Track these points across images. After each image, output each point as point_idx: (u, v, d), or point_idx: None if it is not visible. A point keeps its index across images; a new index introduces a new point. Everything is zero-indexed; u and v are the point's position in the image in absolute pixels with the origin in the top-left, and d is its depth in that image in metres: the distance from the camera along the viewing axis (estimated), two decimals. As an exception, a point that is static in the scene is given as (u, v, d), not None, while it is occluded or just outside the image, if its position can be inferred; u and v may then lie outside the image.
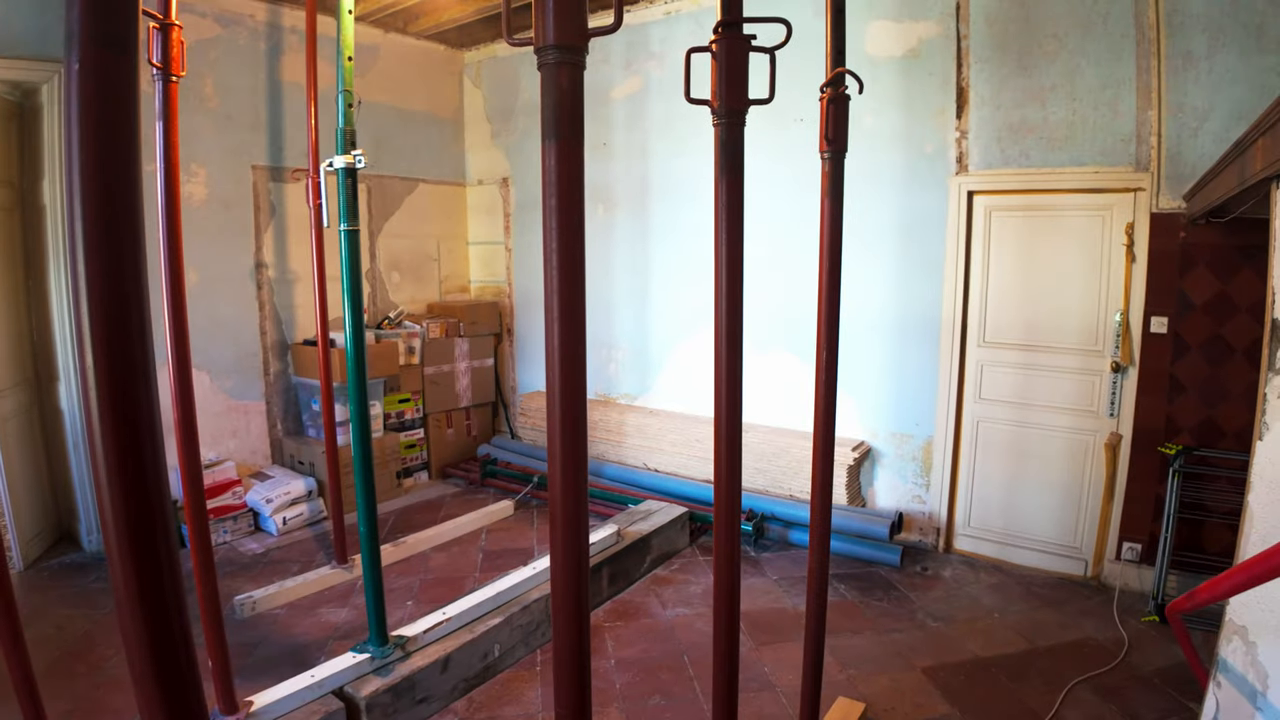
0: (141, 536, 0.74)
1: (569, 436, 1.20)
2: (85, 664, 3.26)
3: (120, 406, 0.72)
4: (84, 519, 4.41)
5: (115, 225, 0.71)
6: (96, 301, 0.70)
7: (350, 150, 2.73)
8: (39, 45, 3.98)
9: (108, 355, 0.71)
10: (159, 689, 0.77)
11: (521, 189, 6.03)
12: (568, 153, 1.18)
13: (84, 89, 0.69)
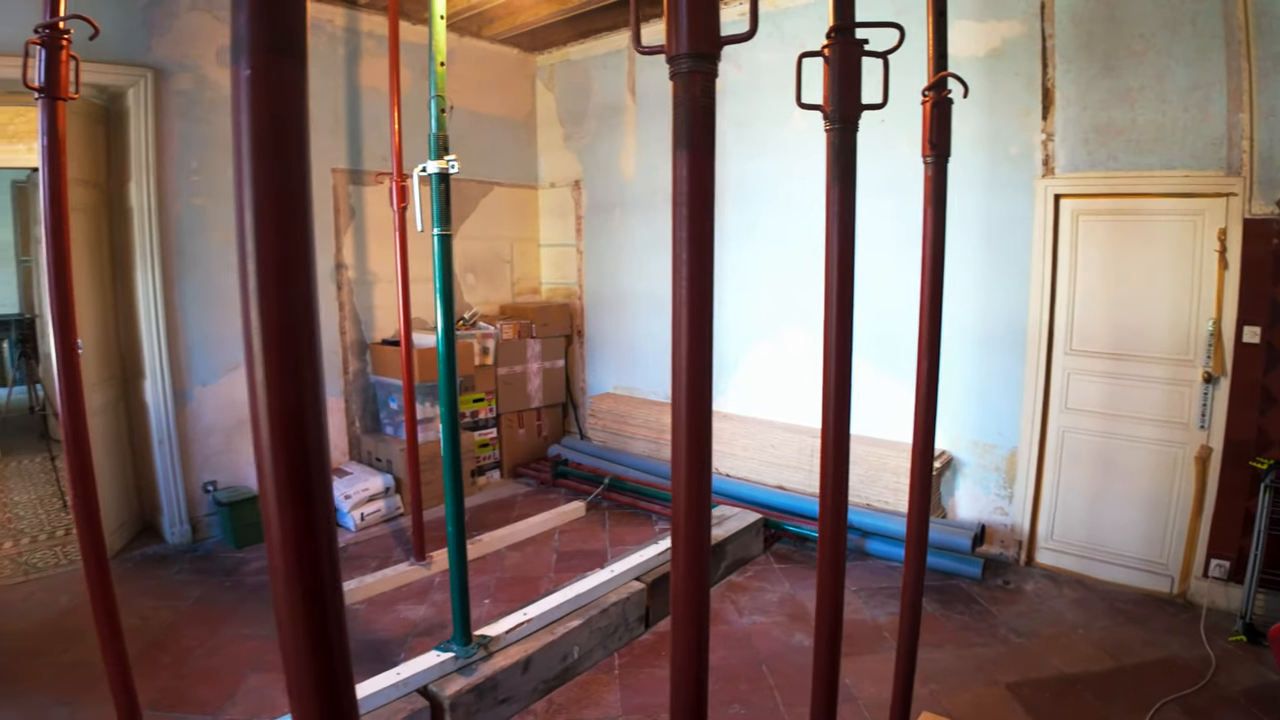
0: (304, 529, 0.75)
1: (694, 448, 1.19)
2: (170, 655, 3.36)
3: (289, 406, 0.72)
4: (167, 512, 4.56)
5: (286, 225, 0.71)
6: (270, 300, 0.71)
7: (443, 155, 2.76)
8: (124, 50, 4.13)
9: (279, 352, 0.71)
10: (315, 684, 0.78)
11: (593, 192, 6.05)
12: (700, 162, 1.16)
13: (255, 93, 0.70)
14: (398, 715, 2.65)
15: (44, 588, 4.06)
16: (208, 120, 4.55)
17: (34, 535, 4.82)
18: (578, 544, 4.51)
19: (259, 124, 0.70)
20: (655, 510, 4.87)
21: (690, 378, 1.17)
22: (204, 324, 4.60)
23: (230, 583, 4.08)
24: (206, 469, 4.67)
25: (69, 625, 3.66)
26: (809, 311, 4.83)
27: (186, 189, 4.48)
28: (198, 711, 2.97)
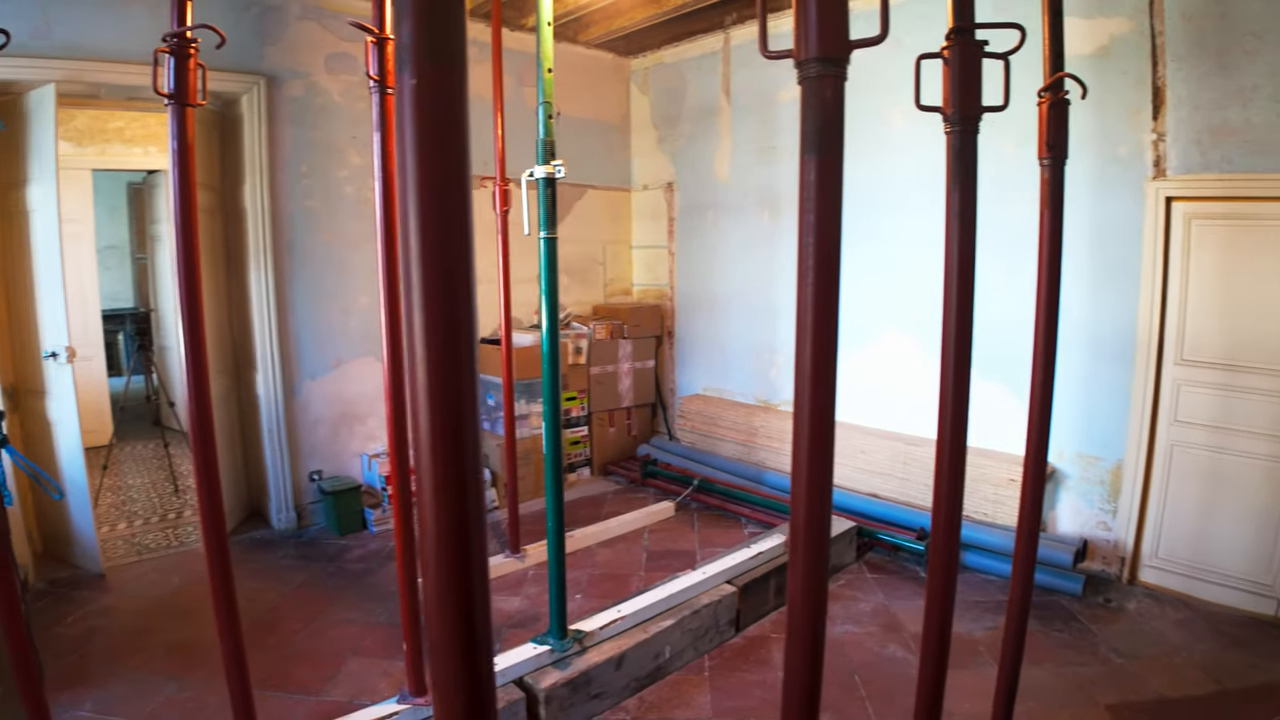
0: (458, 519, 0.78)
1: (816, 457, 1.19)
2: (275, 636, 3.51)
3: (446, 402, 0.75)
4: (274, 498, 4.77)
5: (449, 227, 0.74)
6: (431, 298, 0.74)
7: (550, 160, 2.82)
8: (239, 58, 4.32)
9: (442, 349, 0.75)
10: (460, 662, 0.81)
11: (686, 194, 6.07)
12: (829, 168, 1.16)
13: (419, 102, 0.72)
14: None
15: (156, 568, 4.30)
16: (317, 125, 4.75)
17: (146, 518, 5.10)
18: (667, 544, 4.53)
19: (422, 131, 0.73)
20: (744, 514, 4.85)
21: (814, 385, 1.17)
22: (313, 321, 4.81)
23: (333, 569, 4.25)
24: (312, 459, 4.89)
25: (179, 604, 3.87)
26: (905, 314, 4.74)
27: (297, 191, 4.69)
28: (300, 692, 3.10)
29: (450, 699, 0.80)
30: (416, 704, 2.69)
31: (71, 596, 3.92)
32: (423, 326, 0.73)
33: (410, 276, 0.73)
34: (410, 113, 0.72)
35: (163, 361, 7.16)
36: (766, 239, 5.44)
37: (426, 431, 0.75)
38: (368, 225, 4.92)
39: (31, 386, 4.12)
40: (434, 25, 0.72)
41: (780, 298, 5.40)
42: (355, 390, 5.02)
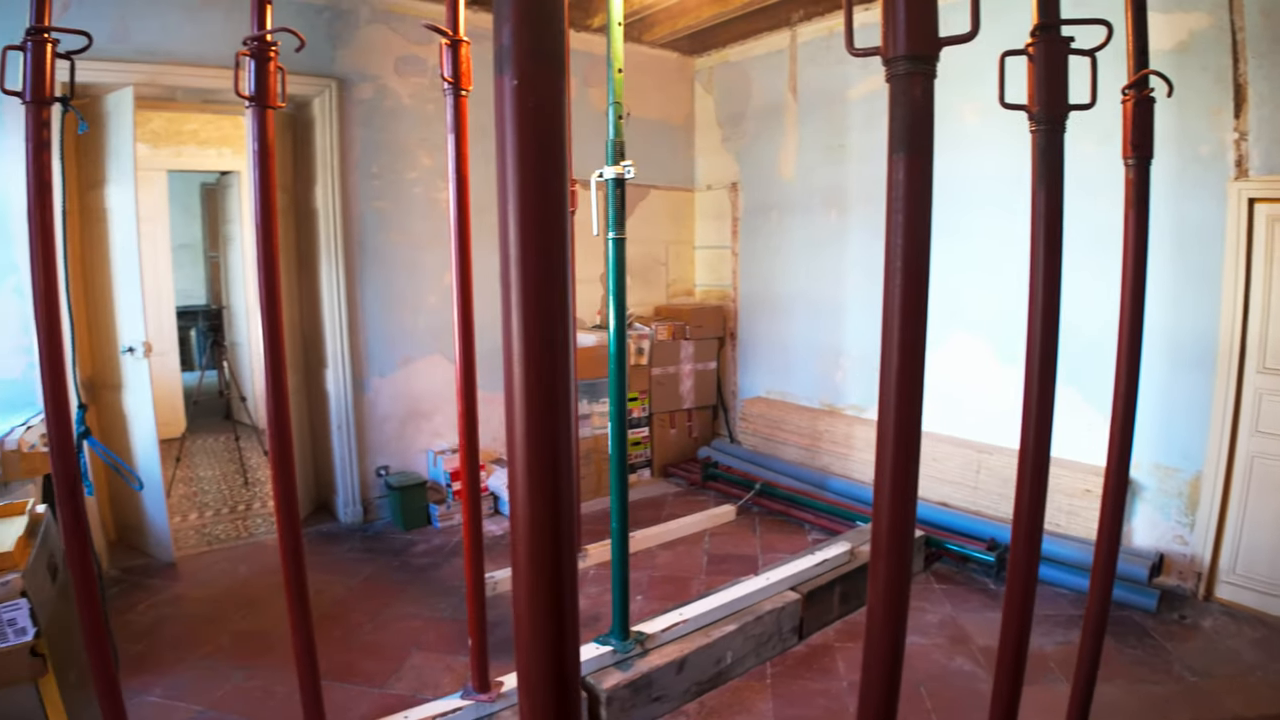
0: (549, 514, 0.78)
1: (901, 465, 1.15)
2: (341, 628, 3.56)
3: (542, 400, 0.75)
4: (341, 493, 4.87)
5: (548, 224, 0.74)
6: (530, 295, 0.74)
7: (620, 161, 2.81)
8: (311, 62, 4.41)
9: (539, 344, 0.74)
10: (547, 660, 0.80)
11: (750, 193, 6.02)
12: (919, 167, 1.13)
13: (520, 101, 0.72)
14: (558, 705, 2.72)
15: (225, 557, 4.42)
16: (387, 128, 4.82)
17: (217, 509, 5.25)
18: (728, 548, 4.49)
19: (523, 129, 0.73)
20: (808, 520, 4.78)
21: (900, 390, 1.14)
22: (382, 319, 4.90)
23: (398, 563, 4.31)
24: (380, 454, 4.98)
25: (247, 594, 3.96)
26: (978, 317, 4.61)
27: (368, 192, 4.77)
28: (365, 683, 3.14)
29: (536, 695, 0.80)
30: (479, 700, 2.70)
31: (143, 584, 4.05)
32: (521, 323, 0.73)
33: (510, 273, 0.72)
34: (512, 112, 0.72)
35: (234, 357, 7.35)
36: (833, 239, 5.35)
37: (522, 429, 0.74)
38: (436, 226, 4.99)
39: (109, 380, 4.26)
40: (535, 27, 0.72)
41: (847, 299, 5.32)
42: (422, 388, 5.09)
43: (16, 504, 2.39)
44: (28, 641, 1.98)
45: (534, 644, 0.79)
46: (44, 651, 2.03)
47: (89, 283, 4.24)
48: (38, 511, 2.38)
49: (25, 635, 1.98)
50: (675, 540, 4.56)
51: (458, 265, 2.53)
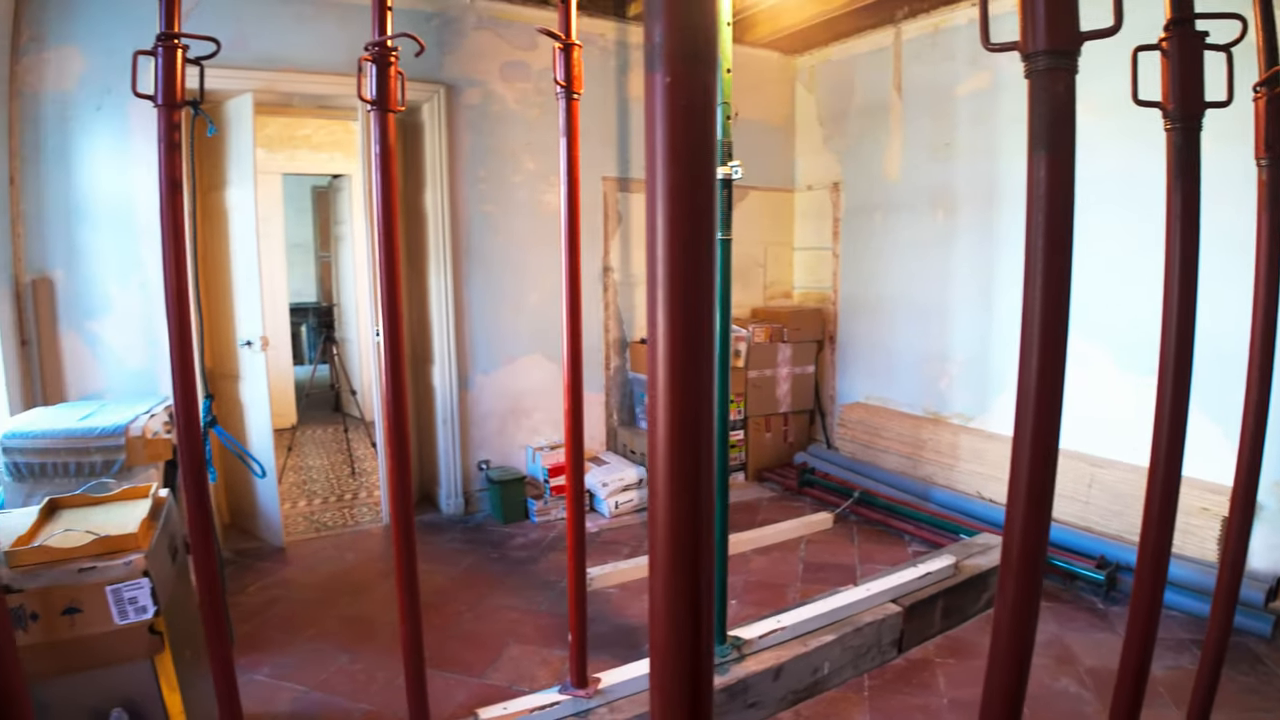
0: (690, 512, 0.77)
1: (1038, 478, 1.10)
2: (440, 616, 3.63)
3: (687, 400, 0.74)
4: (444, 485, 5.00)
5: (696, 221, 0.74)
6: (678, 294, 0.73)
7: (727, 161, 2.79)
8: (420, 67, 4.51)
9: (684, 344, 0.74)
10: (684, 660, 0.80)
11: (852, 193, 5.90)
12: (1060, 166, 1.07)
13: (672, 100, 0.72)
14: (654, 706, 2.72)
15: (332, 544, 4.59)
16: (493, 132, 4.93)
17: (325, 497, 5.46)
18: (825, 556, 4.41)
19: (674, 128, 0.72)
20: (908, 531, 4.65)
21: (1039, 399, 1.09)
22: (486, 319, 5.02)
23: (497, 555, 4.39)
24: (482, 449, 5.10)
25: (352, 580, 4.10)
26: (1095, 321, 4.39)
27: (474, 195, 4.89)
28: (463, 672, 3.20)
29: (669, 694, 0.80)
30: (577, 695, 2.72)
31: (254, 567, 4.24)
32: (667, 321, 0.72)
33: (657, 270, 0.72)
34: (663, 110, 0.72)
35: (343, 352, 7.65)
36: (939, 240, 5.20)
37: (665, 430, 0.74)
38: (538, 228, 5.08)
39: (227, 371, 4.49)
40: (687, 25, 0.72)
41: (953, 302, 5.15)
42: (523, 385, 5.19)
43: (141, 487, 2.50)
44: (147, 619, 2.05)
45: (669, 643, 0.78)
46: (162, 629, 2.10)
47: (209, 279, 4.47)
48: (160, 495, 2.47)
49: (146, 613, 2.05)
50: (770, 546, 4.50)
51: (568, 266, 2.55)
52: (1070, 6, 1.10)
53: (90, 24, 3.89)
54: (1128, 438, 4.18)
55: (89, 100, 3.94)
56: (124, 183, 4.02)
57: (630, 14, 5.21)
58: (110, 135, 3.99)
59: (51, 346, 3.95)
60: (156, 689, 2.17)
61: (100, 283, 4.04)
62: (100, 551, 2.07)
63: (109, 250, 4.04)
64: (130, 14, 3.90)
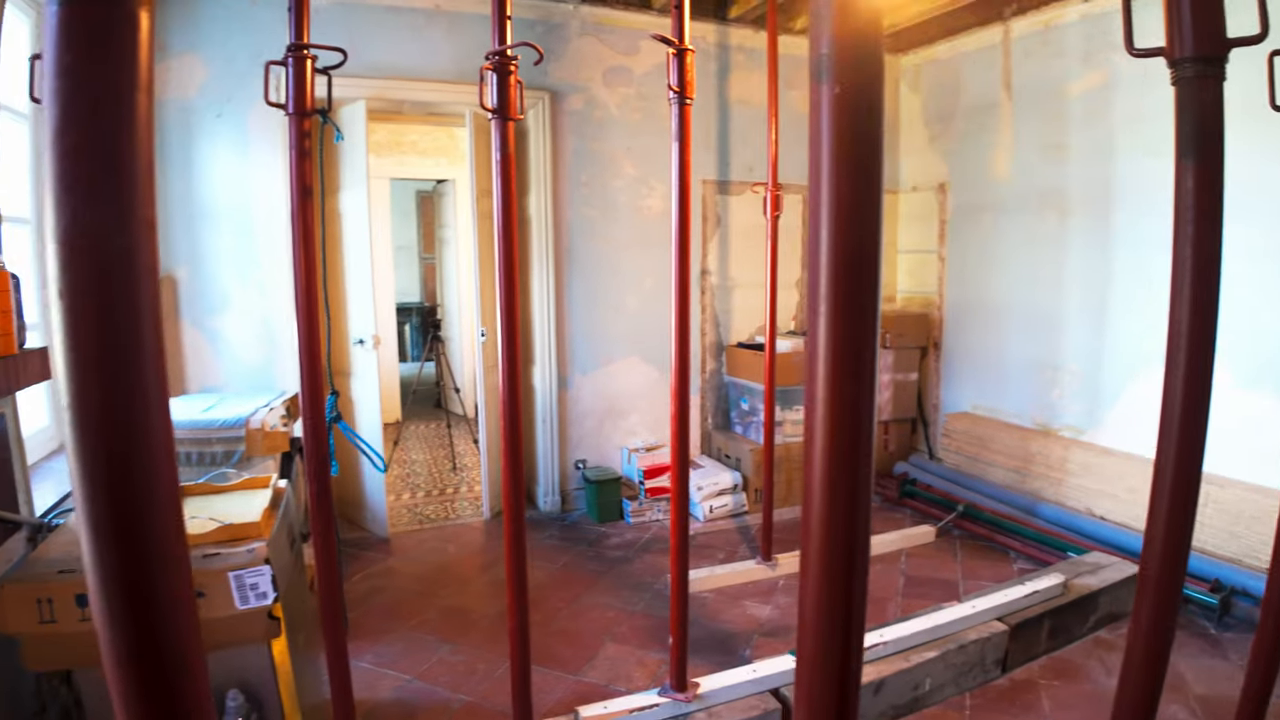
0: (847, 516, 0.78)
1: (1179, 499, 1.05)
2: (538, 612, 3.67)
3: (845, 407, 0.75)
4: (542, 483, 5.10)
5: (864, 232, 0.75)
6: (841, 302, 0.74)
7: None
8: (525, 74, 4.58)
9: (846, 352, 0.75)
10: (833, 671, 0.81)
11: (959, 195, 5.73)
12: (1208, 174, 1.03)
13: (840, 110, 0.73)
14: (751, 711, 2.71)
15: (434, 536, 4.72)
16: (596, 137, 4.99)
17: (427, 490, 5.64)
18: (927, 571, 4.29)
19: (842, 138, 0.73)
20: (1014, 547, 4.48)
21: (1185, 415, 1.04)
22: (586, 321, 5.10)
23: (592, 554, 4.45)
24: (579, 448, 5.18)
25: (454, 572, 4.21)
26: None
27: (576, 200, 4.97)
28: (560, 668, 3.24)
29: (816, 696, 0.81)
30: (676, 698, 2.73)
31: (359, 556, 4.40)
32: (829, 332, 0.73)
33: (820, 283, 0.73)
34: (831, 122, 0.72)
35: (446, 351, 7.87)
36: (1051, 244, 5.00)
37: (823, 436, 0.74)
38: (638, 232, 5.12)
39: (340, 368, 4.68)
40: (857, 35, 0.72)
41: (1066, 309, 4.94)
42: (620, 387, 5.24)
43: (261, 478, 2.60)
44: (267, 605, 2.11)
45: (818, 646, 0.79)
46: (279, 615, 2.16)
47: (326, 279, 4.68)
48: (279, 486, 2.57)
49: (265, 599, 2.10)
50: (870, 558, 4.41)
51: (677, 271, 2.55)
52: (1216, 11, 1.06)
53: (211, 34, 4.12)
54: (1251, 457, 3.93)
55: (210, 107, 4.17)
56: (243, 187, 4.24)
57: (731, 16, 5.20)
58: (230, 141, 4.22)
59: (174, 341, 4.20)
60: (272, 672, 2.24)
61: (220, 281, 4.27)
62: (224, 539, 2.16)
63: (229, 250, 4.27)
64: (248, 25, 4.12)
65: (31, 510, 2.63)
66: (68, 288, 0.47)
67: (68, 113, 0.48)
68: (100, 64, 0.49)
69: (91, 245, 0.47)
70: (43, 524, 2.63)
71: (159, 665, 0.52)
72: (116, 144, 0.48)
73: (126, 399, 0.47)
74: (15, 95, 3.27)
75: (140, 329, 0.48)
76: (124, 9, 0.49)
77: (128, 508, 0.49)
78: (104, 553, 0.50)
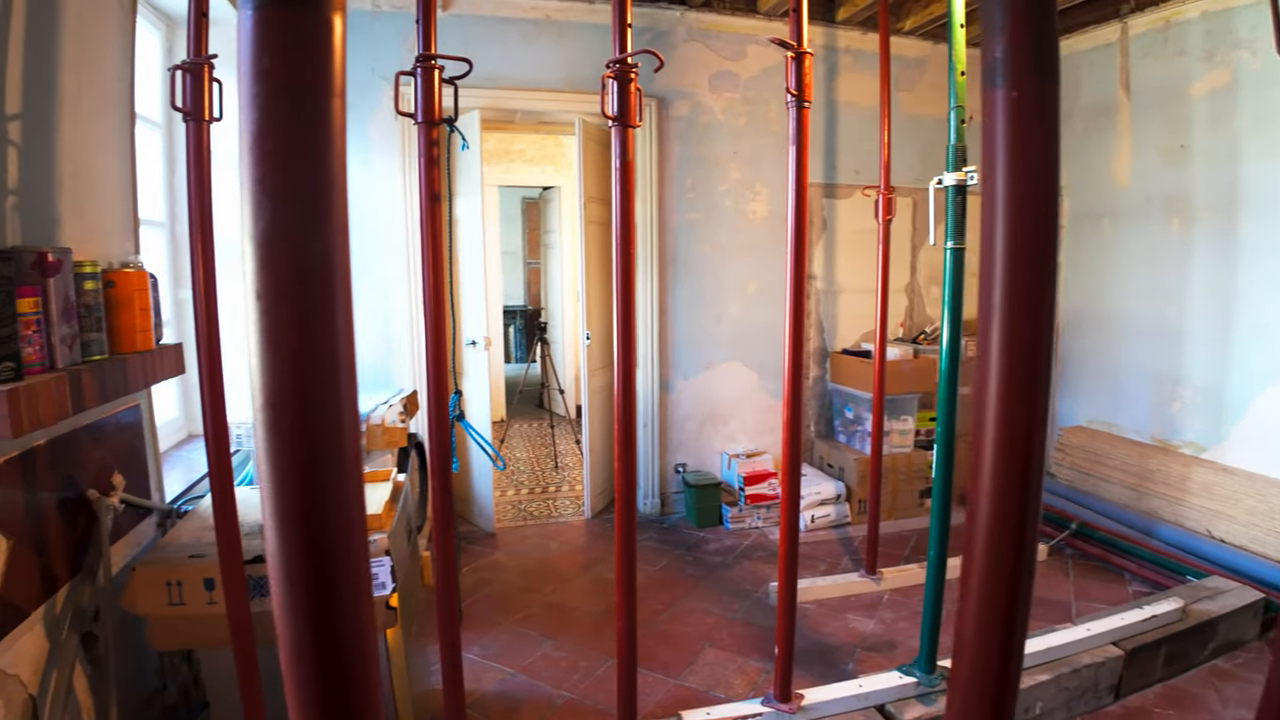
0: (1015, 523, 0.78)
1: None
2: (639, 614, 3.67)
3: (1015, 421, 0.75)
4: (641, 485, 5.14)
5: (1040, 240, 0.74)
6: (1016, 313, 0.74)
7: (961, 166, 2.70)
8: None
9: (1019, 365, 0.74)
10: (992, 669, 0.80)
11: (1077, 197, 5.50)
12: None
13: (1018, 114, 0.72)
14: (855, 727, 2.69)
15: (537, 533, 4.82)
16: (702, 143, 5.01)
17: (530, 488, 5.76)
18: (1039, 590, 4.12)
19: (1019, 144, 0.73)
20: (1130, 569, 4.27)
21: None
22: (689, 325, 5.12)
23: (691, 558, 4.46)
24: (679, 452, 5.21)
25: (556, 569, 4.28)
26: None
27: (681, 205, 5.00)
28: (660, 671, 3.26)
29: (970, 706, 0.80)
30: (780, 710, 2.71)
31: (467, 550, 4.53)
32: (1002, 343, 0.73)
33: (993, 290, 0.73)
34: (1007, 126, 0.72)
35: (550, 353, 8.05)
36: (1174, 252, 4.74)
37: (992, 450, 0.74)
38: (742, 237, 5.12)
39: (454, 368, 4.83)
40: (1035, 38, 0.72)
41: (1189, 321, 4.68)
42: (721, 392, 5.24)
43: (382, 471, 2.68)
44: (386, 595, 2.17)
45: (975, 666, 0.79)
46: (396, 605, 2.23)
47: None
48: (399, 479, 2.66)
49: (385, 590, 2.17)
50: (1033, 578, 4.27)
51: (792, 275, 2.53)
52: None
53: (334, 47, 4.31)
54: None
55: (335, 117, 4.36)
56: (366, 194, 4.43)
57: (839, 18, 5.13)
58: (353, 150, 4.40)
59: (304, 340, 4.41)
60: (386, 661, 2.34)
61: (345, 283, 4.47)
62: (350, 530, 2.28)
63: (353, 254, 4.46)
64: (367, 38, 4.30)
65: (162, 496, 2.80)
66: (265, 289, 0.49)
67: (266, 116, 0.49)
68: (298, 68, 0.49)
69: (290, 248, 0.49)
70: (172, 510, 2.80)
71: (337, 662, 0.53)
72: (314, 148, 0.50)
73: (320, 400, 0.50)
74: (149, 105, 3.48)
75: (335, 332, 0.50)
76: (321, 13, 0.49)
77: (318, 506, 0.51)
78: (291, 549, 0.51)
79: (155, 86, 3.54)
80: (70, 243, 2.12)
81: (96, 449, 2.30)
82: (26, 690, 1.84)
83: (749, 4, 4.97)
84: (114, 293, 2.09)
